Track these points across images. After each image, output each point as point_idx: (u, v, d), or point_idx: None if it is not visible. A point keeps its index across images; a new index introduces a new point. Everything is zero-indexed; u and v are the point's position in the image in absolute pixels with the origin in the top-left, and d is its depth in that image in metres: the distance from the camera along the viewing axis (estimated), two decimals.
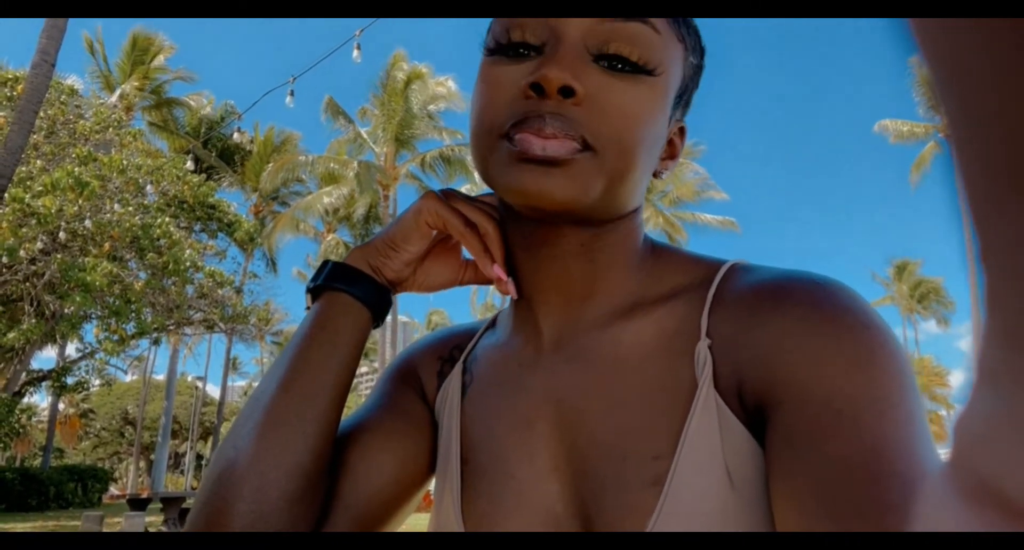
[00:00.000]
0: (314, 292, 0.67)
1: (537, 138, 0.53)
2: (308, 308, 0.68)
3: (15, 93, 11.68)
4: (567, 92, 0.53)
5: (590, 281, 0.62)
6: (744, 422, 0.51)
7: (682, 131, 0.66)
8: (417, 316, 56.27)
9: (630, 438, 0.55)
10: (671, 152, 0.65)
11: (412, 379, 0.73)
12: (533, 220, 0.59)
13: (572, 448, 0.58)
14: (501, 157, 0.56)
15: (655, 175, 0.63)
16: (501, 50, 0.58)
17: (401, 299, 22.81)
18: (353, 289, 0.66)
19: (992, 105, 0.14)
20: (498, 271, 0.64)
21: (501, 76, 0.57)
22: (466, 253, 0.71)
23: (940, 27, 0.15)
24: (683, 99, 0.63)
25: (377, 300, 0.67)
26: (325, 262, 0.69)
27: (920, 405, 0.47)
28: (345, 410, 0.63)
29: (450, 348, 0.74)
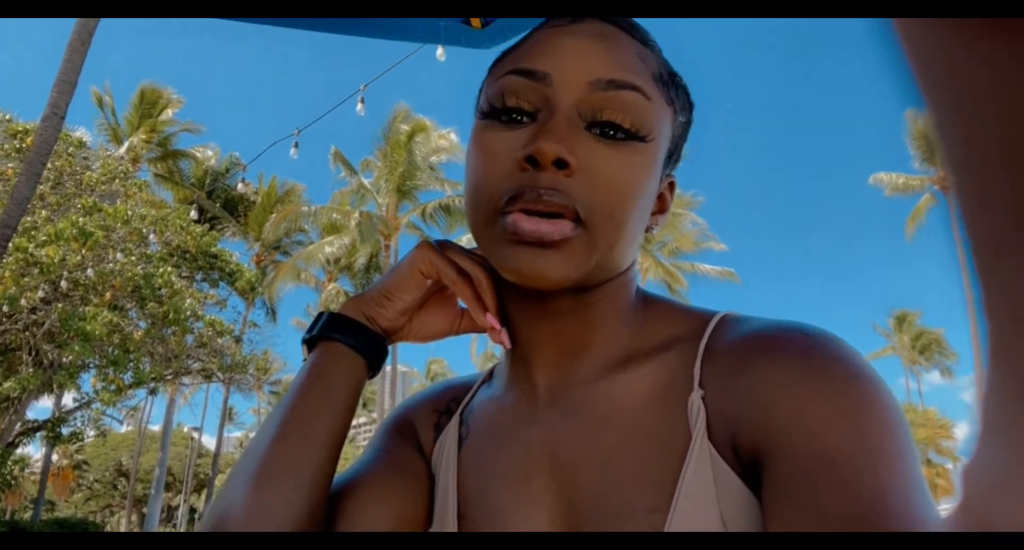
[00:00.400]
0: (309, 343, 0.68)
1: (528, 221, 0.54)
2: (305, 360, 0.68)
3: (24, 145, 11.88)
4: (561, 164, 0.54)
5: (584, 336, 0.62)
6: (738, 473, 0.52)
7: (672, 185, 0.67)
8: (416, 365, 55.86)
9: (626, 491, 0.55)
10: (661, 206, 0.66)
11: (409, 432, 0.73)
12: None
13: (569, 502, 0.58)
14: (496, 235, 0.57)
15: (647, 230, 0.64)
16: (495, 114, 0.59)
17: (401, 348, 22.68)
18: (347, 338, 0.66)
19: (990, 121, 0.13)
20: (490, 320, 0.65)
21: (496, 144, 0.58)
22: (462, 303, 0.73)
23: (925, 28, 0.14)
24: (673, 156, 0.64)
25: (372, 348, 0.67)
26: (320, 314, 0.70)
27: (915, 456, 0.47)
28: (343, 461, 0.63)
29: (447, 401, 0.74)
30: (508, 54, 0.63)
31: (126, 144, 21.40)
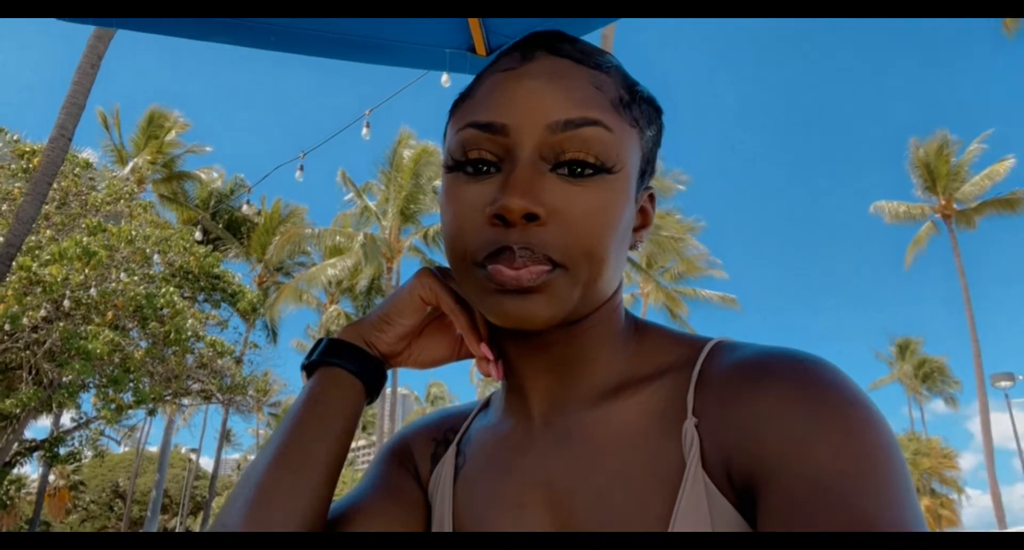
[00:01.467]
0: (308, 369, 0.68)
1: (509, 270, 0.54)
2: (304, 385, 0.68)
3: (31, 165, 11.96)
4: (531, 217, 0.54)
5: (576, 363, 0.63)
6: (732, 501, 0.52)
7: (651, 198, 0.67)
8: (417, 388, 55.65)
9: (621, 521, 0.55)
10: (644, 221, 0.66)
11: (407, 460, 0.73)
12: None
13: (564, 532, 0.58)
14: (477, 285, 0.57)
15: (631, 248, 0.64)
16: (460, 167, 0.59)
17: (401, 371, 22.60)
18: (345, 363, 0.67)
19: None
20: (484, 350, 0.66)
21: (465, 197, 0.58)
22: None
23: None
24: (647, 171, 0.64)
25: (370, 373, 0.68)
26: (319, 340, 0.71)
27: (909, 482, 0.47)
28: (343, 485, 0.63)
29: (444, 430, 0.75)
30: (464, 100, 0.62)
31: (130, 165, 21.54)
